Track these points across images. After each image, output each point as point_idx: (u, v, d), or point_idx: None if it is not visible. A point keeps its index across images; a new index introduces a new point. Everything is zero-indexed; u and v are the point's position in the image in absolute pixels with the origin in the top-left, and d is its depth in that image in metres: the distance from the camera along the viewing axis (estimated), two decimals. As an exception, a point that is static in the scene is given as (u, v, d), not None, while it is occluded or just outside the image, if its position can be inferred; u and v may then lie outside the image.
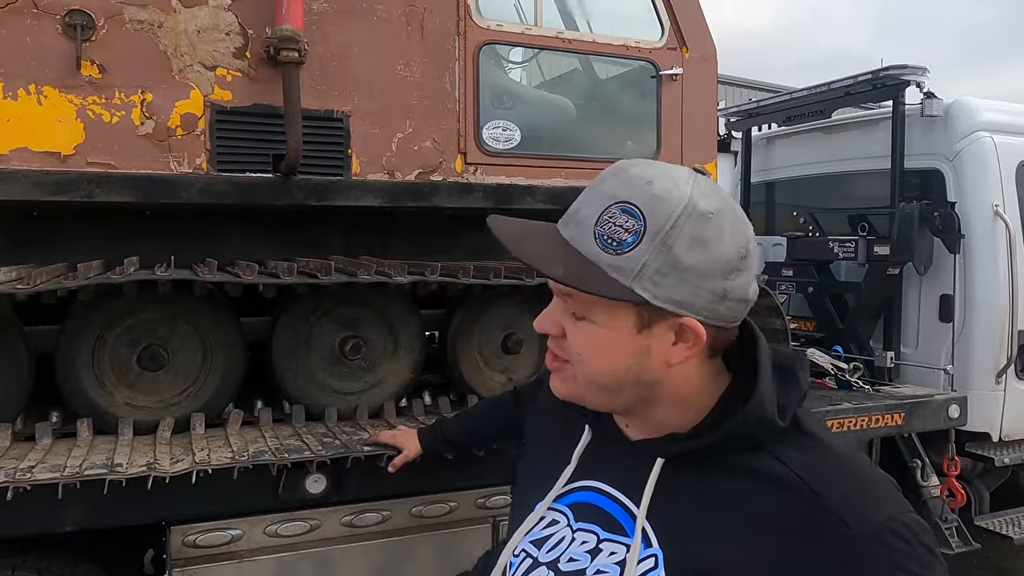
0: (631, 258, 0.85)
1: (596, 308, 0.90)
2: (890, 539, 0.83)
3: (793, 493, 0.86)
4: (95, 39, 2.50)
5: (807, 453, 0.90)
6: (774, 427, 0.90)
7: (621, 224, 0.85)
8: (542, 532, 1.01)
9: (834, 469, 0.89)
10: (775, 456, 0.90)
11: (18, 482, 2.07)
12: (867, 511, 0.84)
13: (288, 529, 2.53)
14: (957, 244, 4.31)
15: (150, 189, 2.56)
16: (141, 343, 2.62)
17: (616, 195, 0.87)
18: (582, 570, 0.94)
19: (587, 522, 0.98)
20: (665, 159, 3.39)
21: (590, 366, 0.93)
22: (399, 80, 2.91)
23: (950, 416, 4.01)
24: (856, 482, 0.88)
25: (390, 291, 2.82)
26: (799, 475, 0.87)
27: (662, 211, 0.85)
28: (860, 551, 0.82)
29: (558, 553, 0.98)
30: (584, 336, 0.92)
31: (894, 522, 0.84)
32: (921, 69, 4.49)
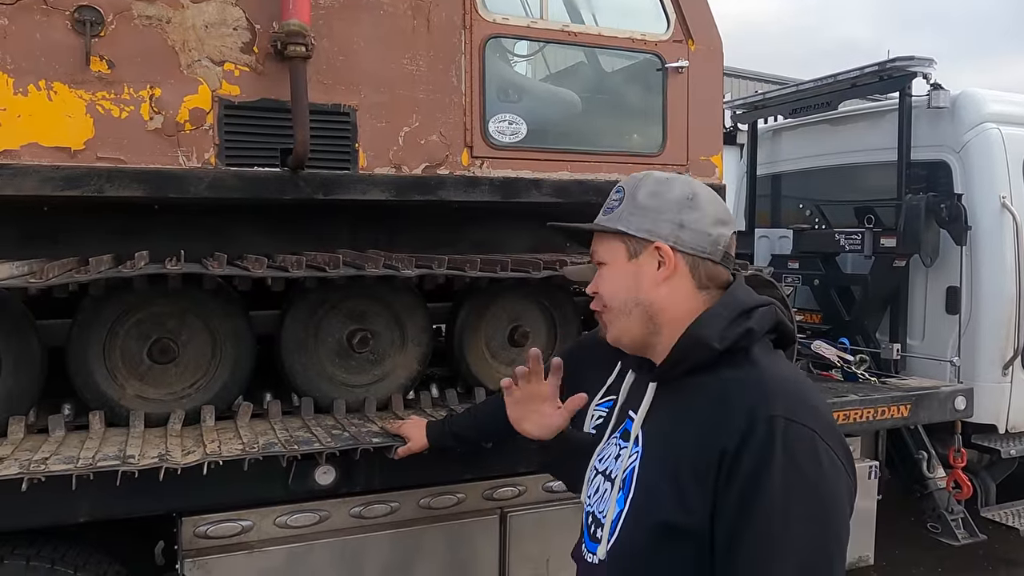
0: (616, 211, 1.34)
1: (605, 253, 1.34)
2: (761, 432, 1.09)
3: (720, 403, 1.16)
4: (104, 35, 2.52)
5: (742, 372, 1.19)
6: (709, 350, 1.20)
7: (613, 198, 1.37)
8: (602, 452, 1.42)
9: (752, 381, 1.17)
10: (719, 376, 1.20)
11: (32, 473, 2.09)
12: (753, 406, 1.11)
13: (298, 520, 2.55)
14: (964, 236, 4.30)
15: (159, 184, 2.57)
16: (151, 336, 2.65)
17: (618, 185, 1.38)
18: (609, 470, 1.34)
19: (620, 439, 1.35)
20: (671, 152, 3.40)
21: (611, 296, 1.32)
22: (405, 74, 2.92)
23: (956, 408, 4.01)
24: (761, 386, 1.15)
25: (398, 284, 2.84)
26: (725, 386, 1.18)
27: (634, 181, 1.34)
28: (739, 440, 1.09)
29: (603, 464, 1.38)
30: (603, 280, 1.35)
31: (772, 420, 1.10)
32: (928, 60, 4.47)
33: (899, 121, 4.55)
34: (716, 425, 1.13)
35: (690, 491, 1.12)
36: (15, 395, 2.50)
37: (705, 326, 1.22)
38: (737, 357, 1.20)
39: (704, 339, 1.20)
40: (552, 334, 3.25)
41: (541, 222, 3.41)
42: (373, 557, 2.65)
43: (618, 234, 1.30)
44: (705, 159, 3.48)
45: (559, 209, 3.22)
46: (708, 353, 1.20)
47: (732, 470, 1.09)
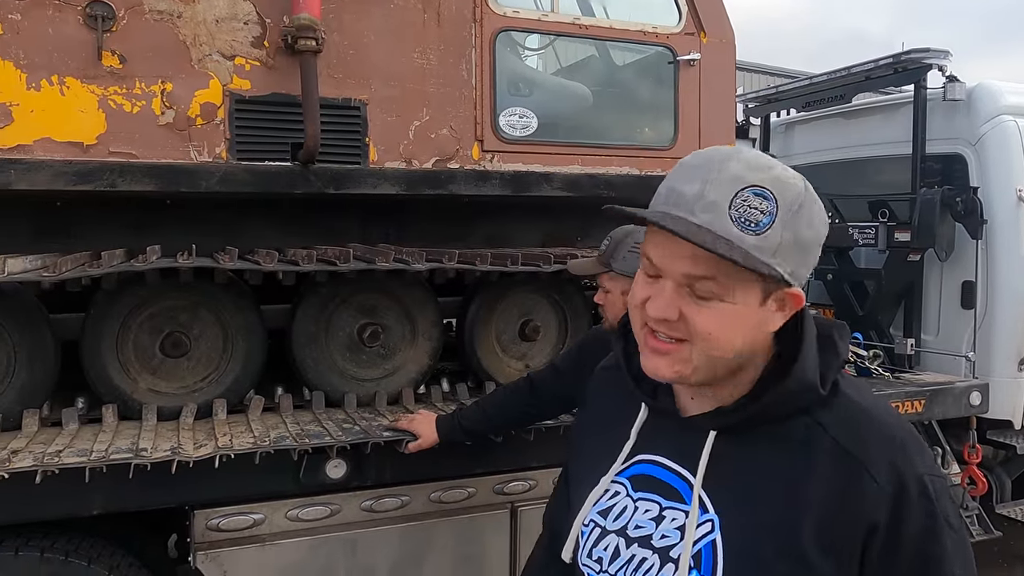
0: (768, 238, 0.91)
1: (735, 287, 0.93)
2: (914, 494, 0.91)
3: (830, 455, 0.94)
4: (115, 30, 2.53)
5: (843, 414, 0.97)
6: (816, 394, 0.97)
7: (756, 206, 0.90)
8: (606, 503, 1.10)
9: (867, 427, 0.96)
10: (816, 421, 0.97)
11: (47, 466, 2.11)
12: (896, 467, 0.92)
13: (309, 513, 2.56)
14: (980, 230, 4.26)
15: (171, 178, 2.58)
16: (164, 330, 2.66)
17: (747, 179, 0.91)
18: (649, 535, 1.03)
19: (647, 492, 1.06)
20: (683, 146, 3.38)
21: (719, 343, 0.96)
22: (416, 68, 2.91)
23: (971, 403, 3.98)
24: (887, 439, 0.95)
25: (408, 278, 2.84)
26: (833, 435, 0.95)
27: (790, 193, 0.92)
28: (889, 504, 0.90)
29: (624, 521, 1.06)
30: (715, 315, 0.94)
31: (921, 480, 0.92)
32: (943, 52, 4.42)
33: (914, 114, 4.51)
34: (845, 486, 0.92)
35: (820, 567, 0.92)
36: (29, 388, 2.52)
37: (808, 367, 0.98)
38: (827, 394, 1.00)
39: (811, 383, 0.97)
40: (563, 328, 3.25)
41: (552, 216, 3.44)
42: (384, 551, 2.66)
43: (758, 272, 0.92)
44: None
45: (569, 203, 3.21)
46: (814, 397, 0.98)
47: (891, 544, 0.91)
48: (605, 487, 1.10)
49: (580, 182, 3.13)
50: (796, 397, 0.97)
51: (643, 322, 1.00)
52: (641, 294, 0.99)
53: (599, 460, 1.13)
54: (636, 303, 1.01)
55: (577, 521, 1.12)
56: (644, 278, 1.00)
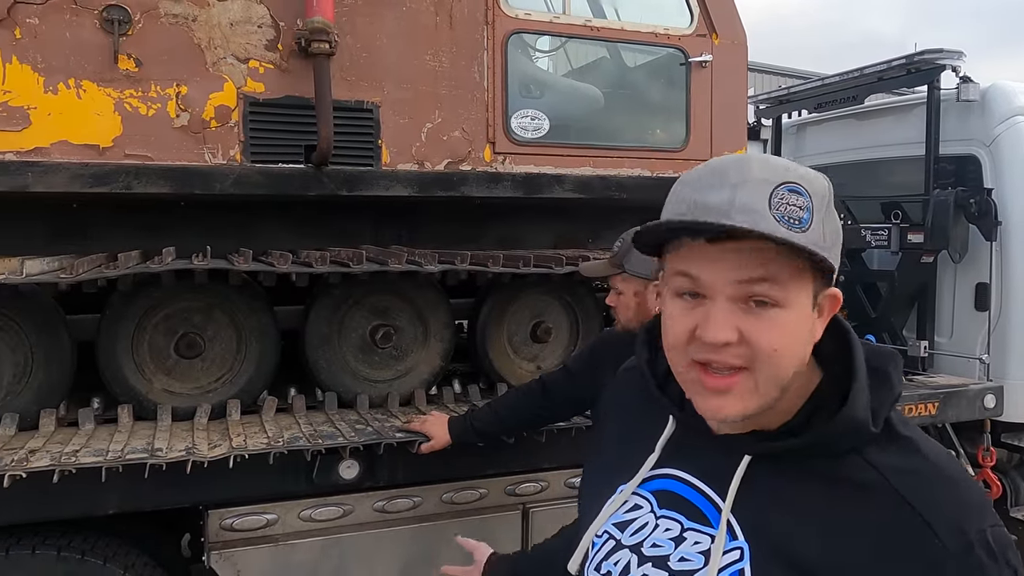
0: (814, 232, 0.86)
1: (790, 288, 0.87)
2: (980, 553, 0.83)
3: (886, 502, 0.86)
4: (131, 33, 2.55)
5: (900, 459, 0.89)
6: (868, 433, 0.89)
7: (794, 203, 0.86)
8: (624, 516, 1.02)
9: (928, 477, 0.88)
10: (868, 461, 0.89)
11: (64, 465, 2.13)
12: (960, 524, 0.84)
13: (322, 514, 2.57)
14: (994, 231, 4.23)
15: (186, 180, 2.60)
16: (178, 331, 2.68)
17: (775, 179, 0.87)
18: (666, 556, 0.95)
19: (671, 510, 0.98)
20: (694, 148, 3.37)
21: (785, 360, 0.88)
22: (428, 70, 2.93)
23: (985, 406, 3.95)
24: (950, 492, 0.87)
25: (420, 280, 2.85)
26: (892, 483, 0.87)
27: (819, 186, 0.89)
28: (952, 565, 0.82)
29: (641, 537, 0.98)
30: (777, 327, 0.87)
31: (984, 536, 0.84)
32: (957, 53, 4.40)
33: (927, 115, 4.48)
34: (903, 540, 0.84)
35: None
36: (46, 388, 2.55)
37: (859, 406, 0.89)
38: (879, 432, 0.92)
39: (862, 423, 0.89)
40: (574, 330, 3.25)
41: (564, 217, 3.44)
42: (396, 551, 2.66)
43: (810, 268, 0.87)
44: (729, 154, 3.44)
45: (581, 205, 3.21)
46: (865, 437, 0.90)
47: None
48: (625, 498, 1.02)
49: (592, 184, 3.13)
50: (844, 438, 0.90)
51: (689, 360, 0.89)
52: (685, 325, 0.89)
53: (618, 469, 1.06)
54: (680, 339, 0.90)
55: (590, 531, 1.04)
56: (680, 307, 0.90)
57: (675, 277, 0.90)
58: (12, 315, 2.52)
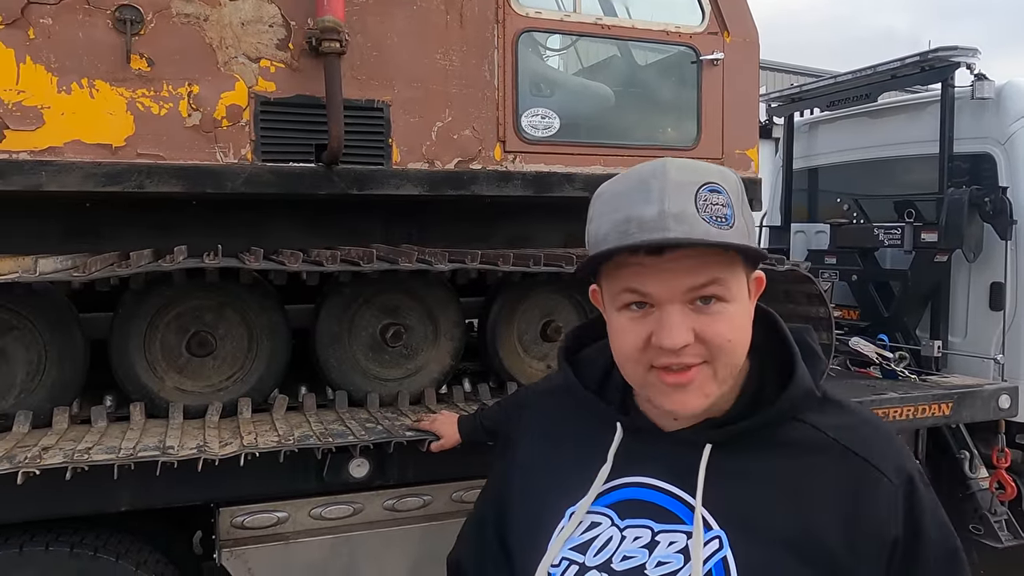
0: (738, 226, 0.92)
1: (731, 284, 0.92)
2: (918, 483, 0.96)
3: (838, 457, 0.95)
4: (144, 33, 2.56)
5: (838, 419, 0.99)
6: (815, 399, 0.98)
7: (717, 202, 0.91)
8: (582, 537, 0.99)
9: (863, 430, 0.98)
10: (812, 425, 0.97)
11: (76, 463, 2.14)
12: (898, 462, 0.96)
13: (332, 512, 2.58)
14: (1009, 230, 4.19)
15: (197, 179, 2.61)
16: (190, 330, 2.69)
17: (695, 181, 0.92)
18: (640, 566, 0.94)
19: (637, 518, 0.97)
20: (706, 146, 3.36)
21: (737, 347, 0.93)
22: (438, 69, 2.93)
23: (1000, 407, 3.91)
24: (883, 440, 0.99)
25: (431, 279, 2.85)
26: (837, 439, 0.96)
27: (731, 181, 0.95)
28: (901, 495, 0.94)
29: (608, 554, 0.96)
30: (726, 319, 0.92)
31: (916, 468, 0.98)
32: (972, 50, 4.36)
33: (941, 113, 4.44)
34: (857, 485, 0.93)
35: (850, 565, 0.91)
36: (59, 386, 2.56)
37: (805, 375, 0.98)
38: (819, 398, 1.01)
39: (810, 389, 0.98)
40: (585, 329, 3.24)
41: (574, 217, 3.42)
42: (406, 550, 2.66)
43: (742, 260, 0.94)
44: (741, 153, 3.43)
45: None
46: (812, 404, 0.99)
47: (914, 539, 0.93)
48: (579, 519, 0.99)
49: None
50: (799, 403, 0.97)
51: (647, 364, 0.93)
52: (639, 334, 0.92)
53: (563, 492, 1.03)
54: (635, 349, 0.93)
55: (543, 564, 0.99)
56: (628, 318, 0.93)
57: (622, 294, 0.93)
58: (26, 313, 2.54)
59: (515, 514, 1.11)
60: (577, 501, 1.01)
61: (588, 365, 1.10)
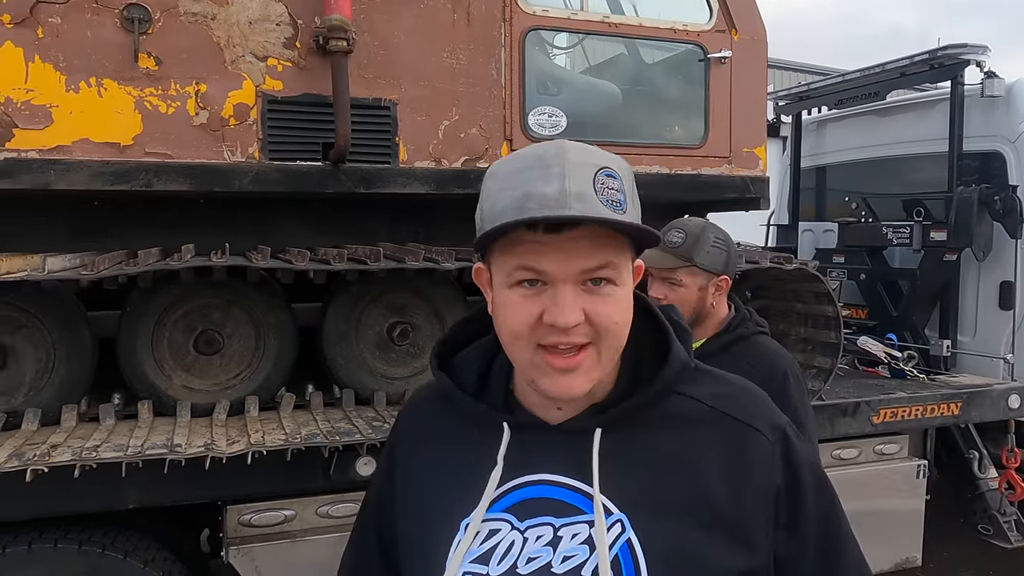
0: (630, 212, 0.92)
1: (622, 268, 0.93)
2: (792, 437, 1.00)
3: (718, 423, 0.98)
4: (151, 32, 2.57)
5: (712, 387, 1.02)
6: (690, 372, 1.01)
7: (612, 187, 0.91)
8: (482, 547, 0.95)
9: (737, 395, 1.02)
10: (690, 396, 1.00)
11: (84, 460, 2.15)
12: (772, 420, 1.00)
13: (339, 510, 2.59)
14: (1019, 229, 4.17)
15: (205, 178, 2.62)
16: (197, 328, 2.70)
17: (593, 164, 0.91)
18: (547, 565, 0.92)
19: (536, 516, 0.95)
20: (713, 144, 3.34)
21: (621, 330, 0.94)
22: (445, 68, 2.92)
23: (1010, 406, 3.90)
24: (755, 401, 1.03)
25: (437, 277, 2.85)
26: (714, 406, 0.99)
27: (624, 168, 0.95)
28: (779, 450, 0.98)
29: (512, 559, 0.94)
30: (614, 302, 0.92)
31: (788, 424, 1.02)
32: (982, 48, 4.33)
33: (951, 111, 4.42)
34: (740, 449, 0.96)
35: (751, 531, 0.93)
36: (68, 384, 2.58)
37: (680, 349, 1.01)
38: None
39: (686, 362, 1.01)
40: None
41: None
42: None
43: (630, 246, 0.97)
44: (748, 151, 3.42)
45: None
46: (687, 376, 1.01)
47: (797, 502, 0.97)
48: (476, 529, 0.95)
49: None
50: (676, 377, 0.99)
51: (535, 344, 0.91)
52: (530, 312, 0.90)
53: (454, 505, 0.98)
54: (526, 327, 0.90)
55: None
56: (519, 295, 0.91)
57: (517, 271, 0.90)
58: (35, 311, 2.55)
59: (403, 536, 1.04)
60: (471, 511, 0.96)
61: (463, 369, 1.06)
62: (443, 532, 0.97)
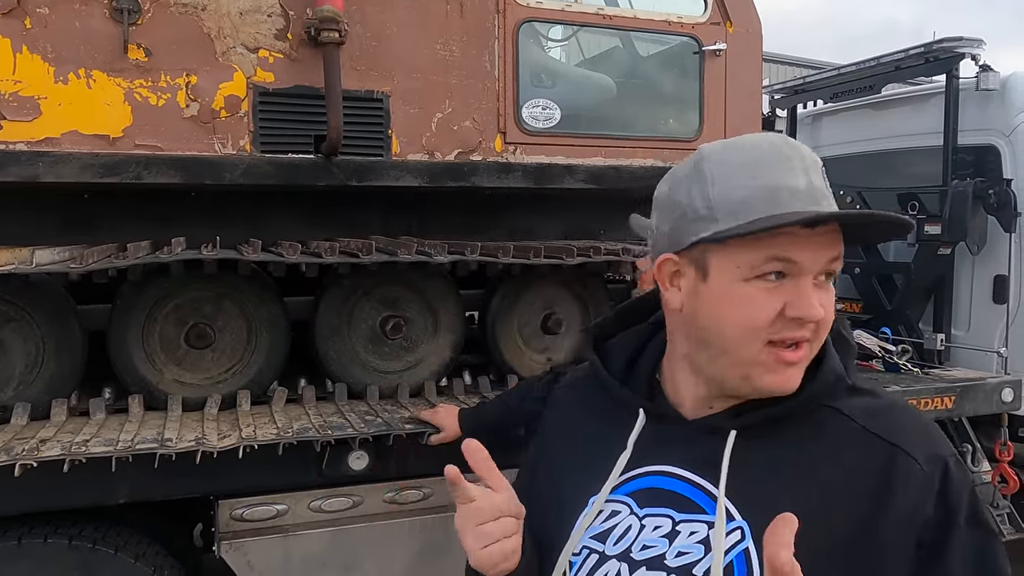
0: None
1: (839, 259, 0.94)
2: (955, 471, 0.92)
3: (866, 443, 0.92)
4: (141, 23, 2.54)
5: (867, 405, 0.96)
6: (844, 386, 0.96)
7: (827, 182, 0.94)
8: (602, 526, 0.98)
9: (895, 416, 0.95)
10: (841, 412, 0.95)
11: (74, 455, 2.14)
12: (933, 450, 0.92)
13: (332, 505, 2.57)
14: (1013, 223, 4.16)
15: (196, 171, 2.60)
16: (188, 322, 2.68)
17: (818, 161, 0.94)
18: (660, 556, 0.92)
19: (656, 507, 0.96)
20: (708, 138, 3.33)
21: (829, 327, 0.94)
22: (439, 59, 2.90)
23: (1003, 400, 3.90)
24: (916, 426, 0.95)
25: (430, 271, 2.84)
26: (866, 426, 0.93)
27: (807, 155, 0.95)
28: (939, 487, 0.90)
29: (628, 543, 0.95)
30: (832, 297, 0.93)
31: (951, 457, 0.93)
32: (977, 41, 4.32)
33: (946, 104, 4.41)
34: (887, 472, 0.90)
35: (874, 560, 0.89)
36: (57, 378, 2.56)
37: (836, 360, 0.97)
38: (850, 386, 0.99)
39: (842, 375, 0.96)
40: (585, 321, 3.22)
41: (575, 208, 3.41)
42: (406, 542, 2.66)
43: None
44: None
45: (593, 196, 3.18)
46: (842, 390, 0.97)
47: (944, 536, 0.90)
48: (599, 508, 0.98)
49: (604, 174, 3.10)
50: (829, 390, 0.95)
51: (767, 339, 0.90)
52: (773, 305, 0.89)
53: (586, 481, 1.02)
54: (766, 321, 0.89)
55: (564, 553, 0.98)
56: (762, 288, 0.90)
57: (768, 262, 0.90)
58: (23, 305, 2.53)
59: (536, 493, 1.09)
60: (598, 489, 0.99)
61: (614, 356, 1.09)
62: (573, 505, 1.01)
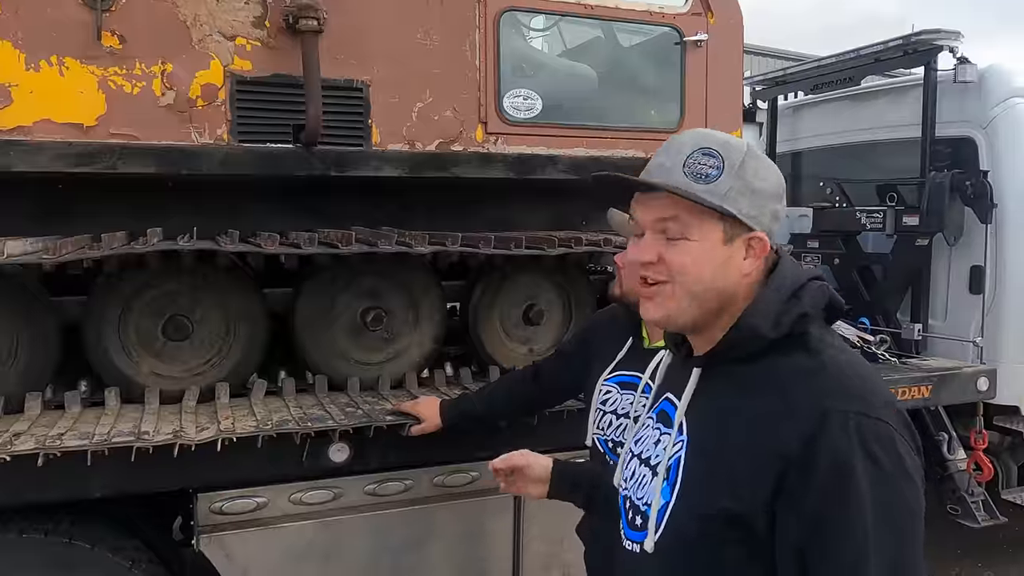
0: (719, 186, 1.13)
1: (693, 227, 1.15)
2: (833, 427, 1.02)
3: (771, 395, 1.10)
4: (115, 9, 2.49)
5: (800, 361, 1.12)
6: (762, 340, 1.14)
7: (705, 163, 1.14)
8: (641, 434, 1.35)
9: (816, 373, 1.10)
10: (771, 363, 1.14)
11: (48, 449, 2.11)
12: (822, 404, 1.05)
13: (312, 497, 2.56)
14: (989, 214, 4.22)
15: (172, 160, 2.56)
16: (165, 314, 2.65)
17: (694, 144, 1.17)
18: (649, 457, 1.27)
19: (659, 423, 1.29)
20: (689, 128, 3.33)
21: (691, 276, 1.15)
22: (419, 49, 2.88)
23: (979, 389, 3.96)
24: (828, 382, 1.09)
25: (411, 262, 2.82)
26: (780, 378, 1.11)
27: (734, 152, 1.16)
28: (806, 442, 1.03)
29: (641, 447, 1.32)
30: (684, 251, 1.15)
31: (844, 416, 1.03)
32: (954, 33, 4.36)
33: (923, 96, 4.45)
34: (775, 422, 1.07)
35: (745, 489, 1.07)
36: (31, 371, 2.52)
37: (758, 314, 1.14)
38: (793, 343, 1.13)
39: (757, 330, 1.13)
40: (567, 312, 3.22)
41: (557, 199, 3.41)
42: (388, 535, 2.65)
43: (717, 212, 1.13)
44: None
45: (574, 186, 3.17)
46: (761, 343, 1.14)
47: (803, 479, 1.02)
48: (644, 423, 1.36)
49: (585, 165, 3.09)
50: (742, 343, 1.15)
51: (639, 277, 1.20)
52: (632, 252, 1.22)
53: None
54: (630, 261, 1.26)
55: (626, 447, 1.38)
56: (633, 240, 1.23)
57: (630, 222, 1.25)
58: (-4, 297, 2.48)
59: None
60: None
61: None
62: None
